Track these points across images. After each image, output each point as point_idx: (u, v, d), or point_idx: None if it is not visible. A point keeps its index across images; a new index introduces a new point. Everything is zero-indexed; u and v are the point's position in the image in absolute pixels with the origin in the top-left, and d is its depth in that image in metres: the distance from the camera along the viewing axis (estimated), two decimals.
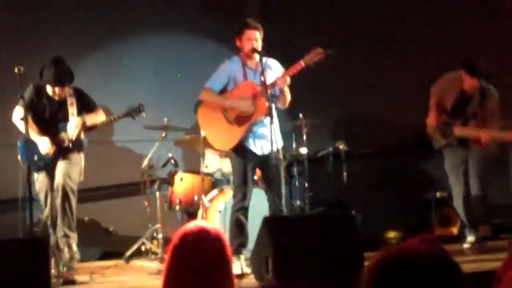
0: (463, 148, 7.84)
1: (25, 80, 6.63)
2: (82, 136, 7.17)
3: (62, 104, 7.13)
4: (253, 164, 6.98)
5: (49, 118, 7.13)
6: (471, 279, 1.93)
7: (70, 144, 7.07)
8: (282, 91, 6.86)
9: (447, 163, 8.02)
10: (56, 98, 7.11)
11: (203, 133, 7.69)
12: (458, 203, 7.97)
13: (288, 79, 6.80)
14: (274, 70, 7.00)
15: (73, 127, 7.07)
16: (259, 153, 6.94)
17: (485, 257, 7.25)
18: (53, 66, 7.03)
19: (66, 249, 6.95)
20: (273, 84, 6.75)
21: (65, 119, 7.12)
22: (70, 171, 7.07)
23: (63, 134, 7.08)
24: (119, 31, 9.35)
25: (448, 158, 7.98)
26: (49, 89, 7.10)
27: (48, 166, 7.08)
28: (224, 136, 7.04)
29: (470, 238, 7.89)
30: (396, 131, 9.20)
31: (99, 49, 9.28)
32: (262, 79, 6.71)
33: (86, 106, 7.27)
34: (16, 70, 6.56)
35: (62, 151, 7.08)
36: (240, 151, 6.99)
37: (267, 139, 6.79)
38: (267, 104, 6.71)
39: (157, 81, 9.36)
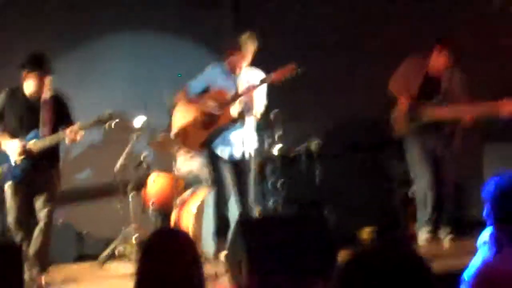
0: (433, 135, 7.81)
1: None
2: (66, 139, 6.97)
3: (36, 110, 6.99)
4: (224, 167, 7.02)
5: (20, 125, 7.00)
6: (442, 279, 1.93)
7: (41, 156, 6.94)
8: (249, 103, 6.89)
9: (411, 152, 7.94)
10: (33, 98, 6.98)
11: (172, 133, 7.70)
12: (422, 194, 7.93)
13: (258, 91, 6.92)
14: (253, 81, 7.04)
15: (45, 138, 6.95)
16: (227, 158, 6.99)
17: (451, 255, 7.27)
18: (36, 56, 6.96)
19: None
20: (239, 95, 6.82)
21: (36, 126, 6.99)
22: (52, 198, 7.02)
23: (31, 144, 6.93)
24: (92, 31, 9.27)
25: (414, 147, 7.90)
26: (28, 86, 6.97)
27: (23, 177, 6.94)
28: (191, 137, 7.10)
29: (426, 231, 7.89)
30: (368, 129, 9.20)
31: (73, 49, 9.19)
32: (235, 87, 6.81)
33: (62, 117, 7.10)
34: None
35: (35, 164, 6.96)
36: (212, 156, 7.12)
37: (236, 144, 6.86)
38: (231, 113, 6.79)
39: (131, 81, 9.29)
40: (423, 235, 7.90)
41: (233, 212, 7.16)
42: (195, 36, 9.33)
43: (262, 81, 6.85)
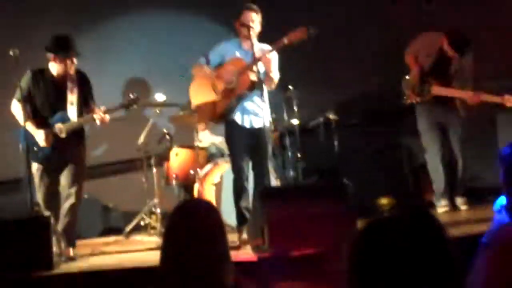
0: (440, 108, 7.87)
1: (18, 64, 6.61)
2: (97, 120, 7.02)
3: (61, 91, 7.02)
4: (243, 137, 7.03)
5: (47, 106, 7.02)
6: (457, 243, 1.96)
7: (70, 136, 6.99)
8: (267, 70, 6.90)
9: (421, 122, 8.05)
10: (59, 79, 7.01)
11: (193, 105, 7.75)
12: (434, 163, 8.02)
13: (273, 58, 6.89)
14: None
15: (74, 119, 7.00)
16: (247, 126, 7.00)
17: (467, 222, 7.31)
18: (61, 37, 6.97)
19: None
20: (258, 59, 6.80)
21: (63, 107, 7.02)
22: (81, 176, 7.10)
23: (59, 125, 6.97)
24: (109, 10, 9.33)
25: (423, 116, 8.02)
26: (53, 67, 7.02)
27: (49, 160, 6.99)
28: (210, 108, 7.11)
29: (444, 203, 7.96)
30: (384, 100, 9.21)
31: (91, 29, 9.25)
32: (252, 53, 6.80)
33: (86, 97, 7.15)
34: (11, 52, 6.56)
35: (64, 144, 7.00)
36: (230, 125, 7.10)
37: (256, 114, 6.88)
38: (251, 78, 6.80)
39: (151, 58, 9.34)
40: (440, 207, 7.97)
41: (252, 181, 7.18)
42: (211, 13, 9.35)
43: (276, 44, 6.84)
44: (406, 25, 8.95)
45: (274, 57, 7.02)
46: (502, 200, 3.70)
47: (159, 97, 8.22)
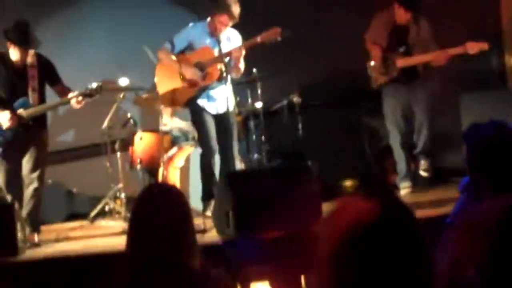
0: (406, 85, 7.88)
1: None
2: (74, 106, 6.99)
3: (22, 76, 6.96)
4: (209, 122, 7.04)
5: (8, 91, 6.95)
6: (426, 225, 1.96)
7: (32, 122, 6.94)
8: (236, 62, 6.92)
9: (386, 103, 8.05)
10: (19, 65, 6.94)
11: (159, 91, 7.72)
12: (395, 146, 8.07)
13: (243, 52, 6.88)
14: (233, 41, 7.14)
15: (33, 104, 6.95)
16: (213, 112, 7.01)
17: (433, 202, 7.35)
18: (20, 27, 6.87)
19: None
20: (229, 54, 6.82)
21: (24, 93, 6.96)
22: (43, 161, 7.05)
23: (22, 111, 6.91)
24: None
25: (389, 97, 8.01)
26: (13, 54, 6.94)
27: (11, 144, 6.93)
28: (177, 94, 7.10)
29: (406, 184, 8.01)
30: (348, 82, 9.22)
31: (54, 14, 9.18)
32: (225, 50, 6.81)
33: (49, 78, 7.11)
34: None
35: (26, 129, 6.94)
36: (197, 109, 7.07)
37: (220, 100, 6.89)
38: (219, 70, 6.81)
39: (114, 41, 9.27)
40: (403, 188, 8.00)
41: (218, 166, 7.19)
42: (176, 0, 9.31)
43: (249, 43, 6.87)
44: (367, 7, 8.94)
45: (238, 41, 7.03)
46: (465, 180, 3.72)
47: (123, 81, 8.15)
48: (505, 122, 3.51)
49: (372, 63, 7.98)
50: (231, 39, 7.07)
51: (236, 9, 6.97)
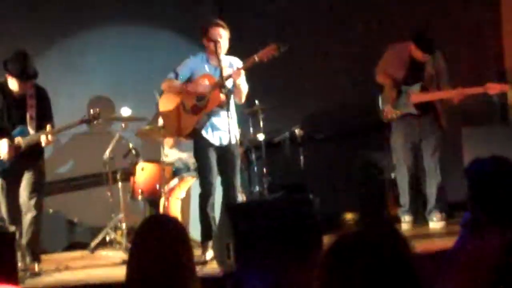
0: (418, 120, 7.81)
1: None
2: (43, 142, 6.91)
3: (20, 105, 6.97)
4: (212, 153, 7.00)
5: (7, 120, 6.97)
6: (422, 258, 1.95)
7: (28, 150, 6.92)
8: (236, 86, 6.87)
9: (395, 137, 7.96)
10: (18, 95, 6.95)
11: (161, 122, 7.72)
12: (400, 180, 8.00)
13: (242, 73, 6.83)
14: (235, 67, 7.02)
15: (32, 133, 6.92)
16: (216, 143, 6.97)
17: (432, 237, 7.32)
18: (19, 59, 6.86)
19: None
20: (228, 77, 6.77)
21: (22, 122, 6.96)
22: (40, 188, 7.03)
23: (19, 139, 6.91)
24: (74, 25, 9.25)
25: (398, 132, 7.93)
26: (12, 84, 6.95)
27: (9, 172, 6.96)
28: (179, 123, 7.06)
29: (408, 218, 7.95)
30: (351, 116, 9.25)
31: (55, 44, 9.20)
32: (220, 70, 6.76)
33: (44, 113, 7.07)
34: None
35: (22, 157, 6.94)
36: (200, 141, 7.02)
37: (224, 130, 6.84)
38: (222, 95, 6.76)
39: (116, 72, 9.29)
40: (405, 222, 7.95)
41: (219, 198, 7.15)
42: (176, 29, 9.33)
43: (247, 62, 6.81)
44: (370, 41, 8.98)
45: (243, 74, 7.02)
46: (467, 215, 3.70)
47: (125, 111, 8.15)
48: (506, 158, 3.52)
49: (384, 94, 7.91)
50: (233, 65, 7.02)
51: (226, 34, 6.94)
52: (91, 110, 7.12)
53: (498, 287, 2.02)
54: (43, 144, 6.92)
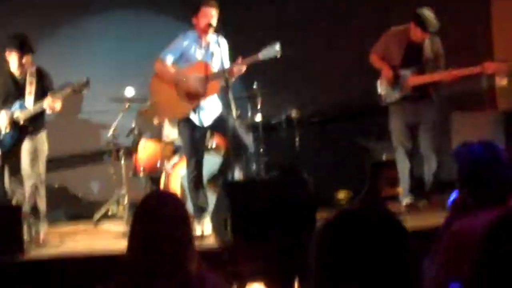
0: (415, 104, 7.75)
1: None
2: (47, 108, 6.95)
3: (21, 84, 7.04)
4: (200, 134, 6.96)
5: (7, 98, 7.05)
6: (413, 236, 1.95)
7: (27, 124, 6.98)
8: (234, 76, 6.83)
9: (393, 121, 7.89)
10: (19, 73, 7.02)
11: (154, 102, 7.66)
12: (400, 164, 7.95)
13: (244, 68, 6.78)
14: (223, 48, 6.95)
15: (30, 107, 6.97)
16: (204, 125, 6.92)
17: (426, 214, 7.32)
18: (18, 35, 7.03)
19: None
20: (230, 71, 6.71)
21: (21, 97, 7.01)
22: (40, 157, 7.03)
23: (18, 113, 6.97)
24: (78, 7, 9.22)
25: (396, 114, 7.83)
26: (13, 63, 7.01)
27: (8, 145, 7.01)
28: (172, 107, 6.99)
29: (407, 200, 7.89)
30: (345, 97, 9.24)
31: (60, 25, 9.17)
32: (216, 59, 6.78)
33: (45, 90, 7.07)
34: None
35: (21, 131, 7.00)
36: (186, 124, 6.98)
37: (209, 111, 6.82)
38: (219, 84, 6.74)
39: (119, 53, 9.25)
40: (403, 204, 7.88)
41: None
42: (173, 12, 9.27)
43: (249, 59, 6.73)
44: (368, 26, 8.93)
45: (225, 48, 6.96)
46: (454, 195, 3.72)
47: (129, 91, 8.16)
48: (494, 143, 3.55)
49: (381, 78, 7.85)
50: (221, 46, 6.92)
51: (214, 12, 6.84)
52: (81, 79, 7.12)
53: (481, 268, 2.02)
54: (48, 111, 6.95)
